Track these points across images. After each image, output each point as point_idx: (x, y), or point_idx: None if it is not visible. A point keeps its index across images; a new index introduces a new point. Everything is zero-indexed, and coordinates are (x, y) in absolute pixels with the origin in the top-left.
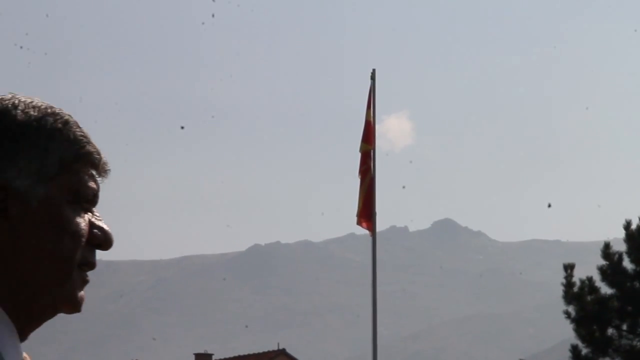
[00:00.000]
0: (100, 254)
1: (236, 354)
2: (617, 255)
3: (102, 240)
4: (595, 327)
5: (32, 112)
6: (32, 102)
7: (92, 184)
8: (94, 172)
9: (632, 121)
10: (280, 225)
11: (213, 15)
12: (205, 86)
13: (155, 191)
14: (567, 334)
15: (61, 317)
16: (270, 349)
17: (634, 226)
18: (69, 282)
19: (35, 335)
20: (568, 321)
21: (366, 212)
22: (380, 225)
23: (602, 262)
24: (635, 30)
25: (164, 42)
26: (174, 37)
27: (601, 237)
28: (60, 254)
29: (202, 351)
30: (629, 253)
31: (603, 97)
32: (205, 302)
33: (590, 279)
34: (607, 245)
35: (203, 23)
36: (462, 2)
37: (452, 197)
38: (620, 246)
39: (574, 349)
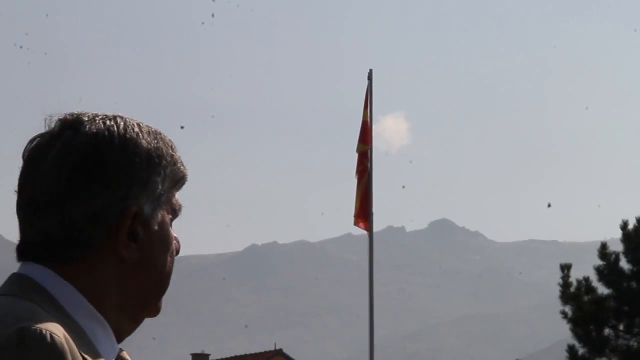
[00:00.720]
0: None
1: (233, 355)
2: (614, 256)
3: (178, 250)
4: (592, 327)
5: (150, 139)
6: (142, 126)
7: (180, 201)
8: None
9: (630, 121)
10: (278, 226)
11: (213, 15)
12: (205, 86)
13: None
14: (564, 334)
15: None
16: (268, 350)
17: (631, 227)
18: (164, 294)
19: None
20: (565, 321)
21: (363, 213)
22: (378, 225)
23: (599, 262)
24: (635, 30)
25: (164, 42)
26: (174, 37)
27: (598, 238)
28: (165, 270)
29: (199, 351)
30: (626, 253)
31: (603, 97)
32: (202, 302)
33: (587, 280)
34: (604, 246)
35: (203, 23)
36: (460, 2)
37: (449, 197)
38: (617, 247)
39: (571, 349)
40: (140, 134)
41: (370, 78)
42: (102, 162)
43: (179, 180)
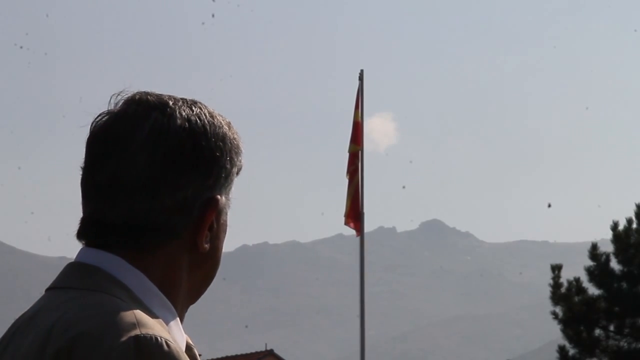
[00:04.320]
0: None
1: (224, 355)
2: (604, 256)
3: None
4: (582, 327)
5: (227, 129)
6: (216, 114)
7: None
8: None
9: (626, 122)
10: (268, 226)
11: (213, 15)
12: (205, 86)
13: None
14: (554, 334)
15: None
16: (258, 350)
17: (621, 227)
18: None
19: None
20: (555, 322)
21: (354, 213)
22: (368, 226)
23: (590, 263)
24: (635, 30)
25: (164, 42)
26: (174, 37)
27: (589, 238)
28: (219, 262)
29: None
30: (616, 254)
31: (602, 97)
32: (194, 303)
33: (577, 280)
34: (594, 246)
35: (203, 23)
36: (458, 1)
37: (440, 198)
38: (607, 247)
39: (561, 350)
40: (224, 123)
41: (361, 78)
42: (197, 149)
43: (240, 170)
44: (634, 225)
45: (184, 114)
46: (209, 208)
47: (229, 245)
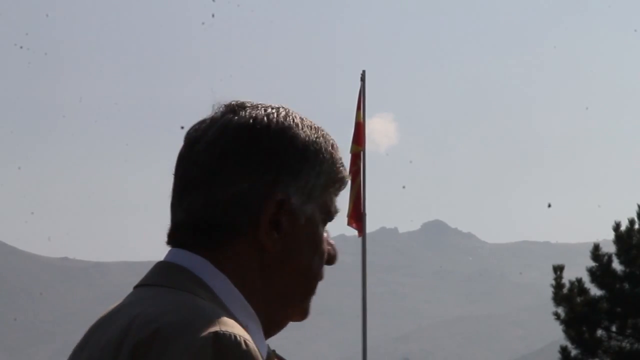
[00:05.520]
0: (89, 255)
1: None
2: (606, 257)
3: (333, 256)
4: (584, 328)
5: (310, 132)
6: (304, 119)
7: (337, 205)
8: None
9: (626, 122)
10: None
11: (213, 15)
12: (205, 86)
13: (146, 192)
14: (556, 335)
15: (48, 318)
16: None
17: (623, 228)
18: (311, 296)
19: (22, 337)
20: (557, 323)
21: (356, 214)
22: (370, 226)
23: (592, 263)
24: (635, 30)
25: (164, 42)
26: (173, 37)
27: (590, 239)
28: (311, 271)
29: None
30: (619, 255)
31: (602, 97)
32: None
33: (579, 281)
34: (596, 247)
35: (203, 23)
36: (459, 3)
37: (441, 198)
38: (609, 248)
39: (563, 350)
40: (300, 125)
41: (363, 79)
42: (254, 144)
43: (336, 180)
44: (636, 226)
45: (253, 114)
46: (267, 203)
47: None
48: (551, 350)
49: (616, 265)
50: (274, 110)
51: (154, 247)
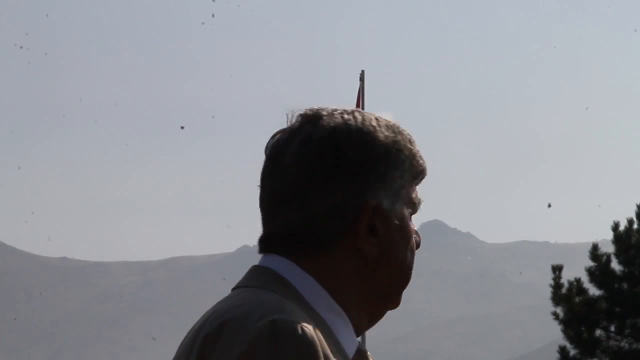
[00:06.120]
0: (89, 255)
1: None
2: (605, 257)
3: (418, 243)
4: (583, 328)
5: (389, 133)
6: (379, 119)
7: (419, 196)
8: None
9: (626, 122)
10: None
11: (213, 15)
12: (205, 86)
13: (145, 192)
14: (555, 335)
15: (47, 318)
16: None
17: (622, 228)
18: (406, 286)
19: (21, 337)
20: (556, 322)
21: None
22: None
23: (591, 263)
24: (635, 30)
25: (164, 42)
26: (173, 37)
27: (589, 239)
28: (406, 265)
29: None
30: (617, 254)
31: (602, 97)
32: (194, 303)
33: (578, 281)
34: (595, 247)
35: (203, 23)
36: (458, 2)
37: (440, 198)
38: (608, 248)
39: (562, 350)
40: (378, 128)
41: (362, 79)
42: (341, 155)
43: (418, 174)
44: (635, 226)
45: (332, 122)
46: (362, 213)
47: (229, 245)
48: (550, 350)
49: (615, 265)
50: (350, 117)
51: (153, 247)
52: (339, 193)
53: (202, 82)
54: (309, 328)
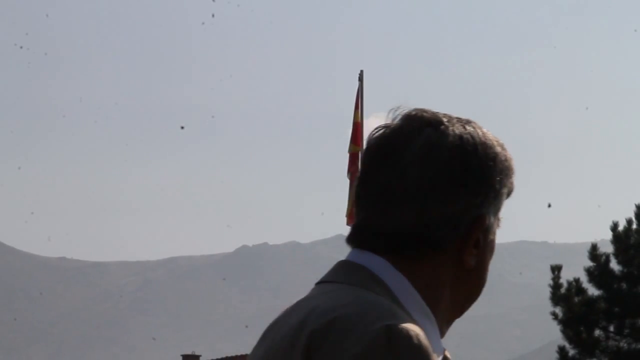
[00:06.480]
0: (87, 255)
1: (224, 355)
2: (604, 257)
3: None
4: (582, 328)
5: (501, 148)
6: (487, 133)
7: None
8: None
9: (626, 122)
10: (268, 227)
11: (213, 15)
12: (205, 86)
13: (145, 191)
14: (554, 335)
15: (47, 318)
16: None
17: (621, 228)
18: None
19: (20, 337)
20: (555, 322)
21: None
22: None
23: (590, 263)
24: (635, 30)
25: (164, 42)
26: (174, 37)
27: (588, 239)
28: (484, 281)
29: (189, 352)
30: (616, 254)
31: (602, 97)
32: (193, 303)
33: (577, 281)
34: (594, 247)
35: (203, 23)
36: (458, 2)
37: None
38: (607, 248)
39: (561, 350)
40: (496, 143)
41: (360, 79)
42: (467, 166)
43: (511, 191)
44: (634, 226)
45: (456, 131)
46: (476, 225)
47: (228, 245)
48: (549, 350)
49: (614, 265)
50: (471, 128)
51: (153, 247)
52: (459, 203)
53: (202, 82)
54: (423, 337)
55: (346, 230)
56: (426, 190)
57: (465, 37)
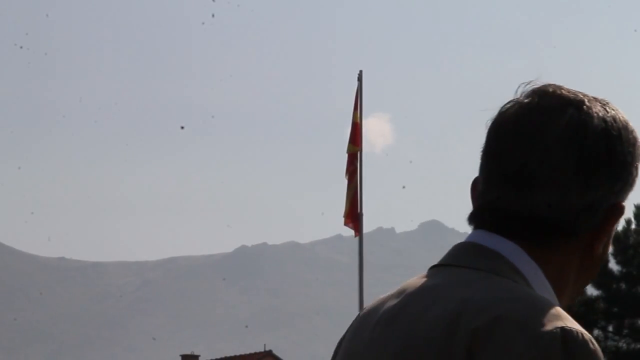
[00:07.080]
0: (87, 255)
1: (223, 355)
2: None
3: None
4: None
5: (636, 133)
6: (622, 113)
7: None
8: None
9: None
10: (267, 227)
11: (213, 15)
12: (205, 86)
13: (144, 192)
14: None
15: (47, 318)
16: (257, 350)
17: (620, 228)
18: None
19: (20, 337)
20: None
21: (353, 213)
22: (367, 226)
23: None
24: (635, 30)
25: (164, 42)
26: (174, 37)
27: None
28: (599, 268)
29: (188, 352)
30: (615, 255)
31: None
32: (191, 303)
33: None
34: None
35: (203, 23)
36: (457, 2)
37: (438, 198)
38: None
39: None
40: (633, 128)
41: (359, 79)
42: (611, 151)
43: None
44: (633, 226)
45: (600, 114)
46: (614, 214)
47: (228, 246)
48: None
49: (613, 265)
50: (612, 111)
51: (152, 247)
52: (601, 189)
53: (202, 82)
54: (595, 341)
55: (345, 230)
56: (569, 174)
57: (465, 37)
